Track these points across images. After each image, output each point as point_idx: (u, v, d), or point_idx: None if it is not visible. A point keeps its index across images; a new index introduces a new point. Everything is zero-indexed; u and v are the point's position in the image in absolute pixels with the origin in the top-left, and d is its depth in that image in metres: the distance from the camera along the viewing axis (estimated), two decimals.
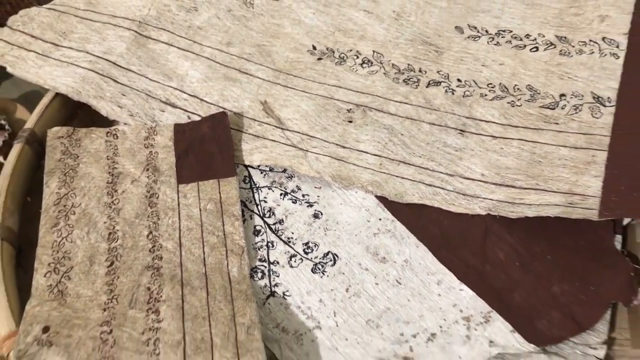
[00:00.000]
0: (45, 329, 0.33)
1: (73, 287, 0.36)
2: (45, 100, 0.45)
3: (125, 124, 0.45)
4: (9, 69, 0.47)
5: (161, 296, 0.36)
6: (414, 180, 0.42)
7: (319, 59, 0.50)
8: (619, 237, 0.40)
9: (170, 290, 0.36)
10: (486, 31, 0.50)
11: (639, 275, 0.38)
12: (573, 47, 0.48)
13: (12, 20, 0.50)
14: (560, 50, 0.48)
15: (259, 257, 0.40)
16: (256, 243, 0.41)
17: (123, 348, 0.33)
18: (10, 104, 1.25)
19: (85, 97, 0.45)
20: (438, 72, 0.48)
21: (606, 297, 0.37)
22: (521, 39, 0.49)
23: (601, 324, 0.37)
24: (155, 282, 0.37)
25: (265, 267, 0.39)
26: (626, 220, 0.41)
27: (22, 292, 0.37)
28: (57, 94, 0.46)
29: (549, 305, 0.37)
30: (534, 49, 0.48)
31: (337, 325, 0.37)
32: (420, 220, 0.41)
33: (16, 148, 0.42)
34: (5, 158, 1.08)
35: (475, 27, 0.51)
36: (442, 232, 0.40)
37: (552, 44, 0.48)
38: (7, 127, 1.13)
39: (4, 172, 0.41)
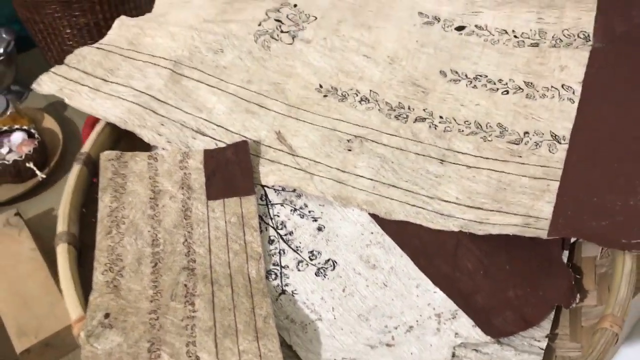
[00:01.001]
0: (106, 315, 0.43)
1: (125, 282, 0.45)
2: (98, 128, 0.55)
3: (164, 149, 0.55)
4: (66, 101, 0.57)
5: (195, 291, 0.45)
6: (400, 202, 0.51)
7: (325, 95, 0.59)
8: (566, 253, 0.49)
9: (202, 287, 0.45)
10: (465, 75, 0.60)
11: (578, 284, 0.48)
12: (537, 91, 0.57)
13: (68, 59, 0.59)
14: (527, 94, 0.57)
15: (272, 262, 0.49)
16: (270, 250, 0.50)
17: (167, 331, 0.42)
18: (38, 114, 1.36)
19: (131, 126, 0.55)
20: (424, 109, 0.58)
21: (551, 300, 0.46)
22: (495, 83, 0.59)
23: (546, 322, 0.46)
24: (190, 280, 0.46)
25: (278, 270, 0.49)
26: (573, 239, 0.50)
27: (83, 286, 0.46)
28: (107, 123, 0.55)
29: (504, 307, 0.46)
30: (505, 92, 0.58)
31: (334, 318, 0.46)
32: (404, 234, 0.50)
33: (75, 168, 0.52)
34: (35, 164, 1.19)
35: (457, 72, 0.60)
36: (422, 244, 0.49)
37: (520, 88, 0.58)
38: (36, 135, 1.24)
39: (67, 189, 0.51)
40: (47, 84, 0.57)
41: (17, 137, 1.23)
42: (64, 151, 1.27)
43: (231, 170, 0.53)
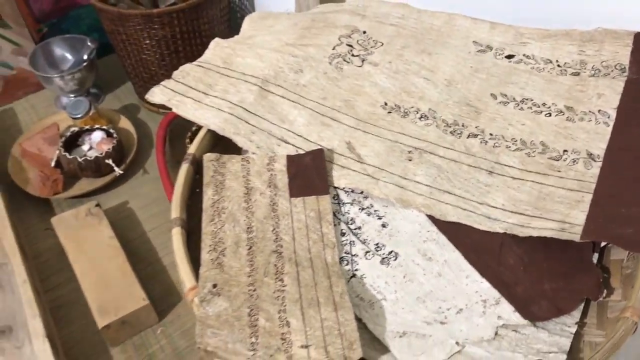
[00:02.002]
0: (214, 286, 0.53)
1: (227, 261, 0.56)
2: (201, 134, 0.65)
3: (253, 153, 0.65)
4: (174, 109, 0.68)
5: (284, 270, 0.55)
6: (454, 206, 0.60)
7: (389, 112, 0.69)
8: (596, 255, 0.58)
9: (289, 267, 0.55)
10: (514, 98, 0.68)
11: (606, 281, 0.56)
12: (577, 115, 0.65)
13: (175, 74, 0.70)
14: (567, 117, 0.65)
15: (344, 251, 0.59)
16: (342, 241, 0.60)
17: (263, 300, 0.52)
18: (115, 115, 1.50)
19: (228, 133, 0.65)
20: (476, 127, 0.67)
21: (581, 293, 0.54)
22: (539, 106, 0.67)
23: (576, 312, 0.54)
24: (279, 261, 0.56)
25: (349, 257, 0.58)
26: (603, 243, 0.58)
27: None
28: (208, 130, 0.66)
29: (541, 297, 0.54)
30: (548, 115, 0.66)
31: (397, 299, 0.55)
32: (456, 233, 0.59)
33: (184, 167, 0.62)
34: (113, 161, 1.32)
35: (506, 95, 0.69)
36: (472, 243, 0.58)
37: (561, 111, 0.66)
38: (115, 134, 1.38)
39: (178, 183, 0.61)
40: (158, 95, 0.68)
41: (97, 135, 1.37)
42: (138, 150, 1.40)
43: (309, 173, 0.63)
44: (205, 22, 1.33)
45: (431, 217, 0.60)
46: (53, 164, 1.31)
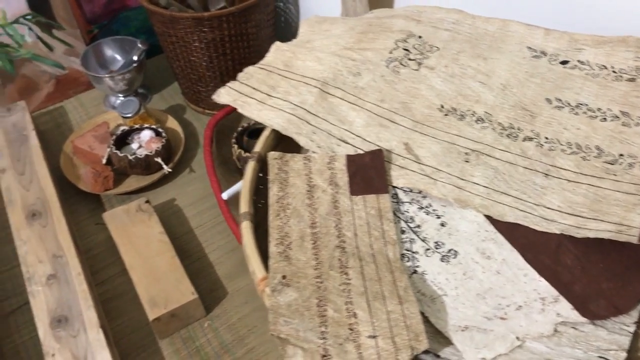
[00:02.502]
0: (284, 277, 0.56)
1: (293, 254, 0.58)
2: (266, 133, 0.68)
3: (314, 152, 0.68)
4: (239, 110, 0.71)
5: (348, 264, 0.58)
6: (511, 207, 0.62)
7: (445, 114, 0.71)
8: None
9: (353, 262, 0.58)
10: (568, 103, 0.70)
11: None
12: (632, 120, 0.66)
13: (239, 76, 0.73)
14: (623, 122, 0.67)
15: (405, 248, 0.61)
16: (402, 239, 0.62)
17: (330, 292, 0.55)
18: (162, 115, 1.55)
19: (290, 133, 0.68)
20: (531, 131, 0.68)
21: (639, 294, 0.55)
22: (594, 111, 0.68)
23: (634, 311, 0.55)
24: (343, 256, 0.58)
25: (410, 255, 0.61)
26: None
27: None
28: (272, 129, 0.69)
29: (599, 296, 0.55)
30: (603, 119, 0.67)
31: (457, 295, 0.57)
32: (514, 233, 0.61)
33: (251, 164, 0.65)
34: (163, 160, 1.37)
35: (561, 100, 0.70)
36: (529, 243, 0.60)
37: (617, 116, 0.67)
38: (163, 134, 1.42)
39: (246, 179, 0.64)
40: (224, 96, 0.72)
41: (146, 134, 1.42)
42: (185, 149, 1.44)
43: (368, 172, 0.65)
44: (252, 25, 1.37)
45: (489, 217, 0.62)
46: (104, 161, 1.36)
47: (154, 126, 1.40)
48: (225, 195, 1.24)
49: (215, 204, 1.35)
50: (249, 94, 0.71)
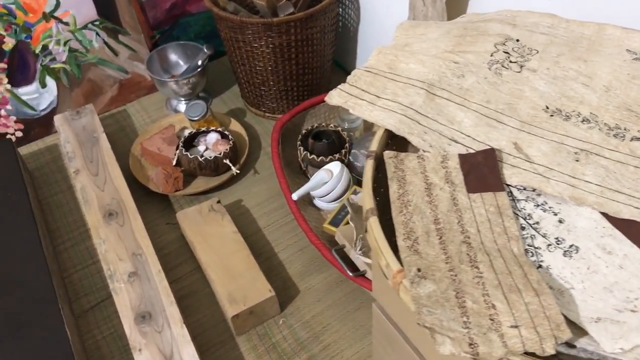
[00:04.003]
0: (419, 270, 0.58)
1: (422, 249, 0.61)
2: (379, 133, 0.71)
3: (426, 151, 0.70)
4: (351, 110, 0.73)
5: (477, 259, 0.60)
6: (625, 204, 0.64)
7: (551, 115, 0.73)
8: None
9: (481, 256, 0.60)
10: None
11: None
12: None
13: (349, 79, 0.76)
14: None
15: (527, 243, 0.63)
16: (523, 235, 0.64)
17: (465, 285, 0.57)
18: (225, 118, 1.58)
19: (402, 133, 0.70)
20: (638, 131, 0.70)
21: None
22: None
23: None
24: (470, 251, 0.60)
25: (533, 250, 0.62)
26: None
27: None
28: (384, 130, 0.71)
29: None
30: None
31: (584, 288, 0.59)
32: (630, 230, 0.63)
33: (370, 162, 0.68)
34: (230, 161, 1.41)
35: None
36: None
37: None
38: (230, 137, 1.45)
39: (366, 177, 0.66)
40: (335, 98, 0.74)
41: (212, 137, 1.45)
42: (249, 151, 1.47)
43: (482, 171, 0.67)
44: (317, 30, 1.40)
45: (605, 214, 0.63)
46: (174, 162, 1.39)
47: (219, 129, 1.44)
48: (295, 196, 1.27)
49: (281, 204, 1.39)
50: (358, 96, 0.74)
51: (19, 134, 1.49)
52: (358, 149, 1.37)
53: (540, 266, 0.61)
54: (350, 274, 1.07)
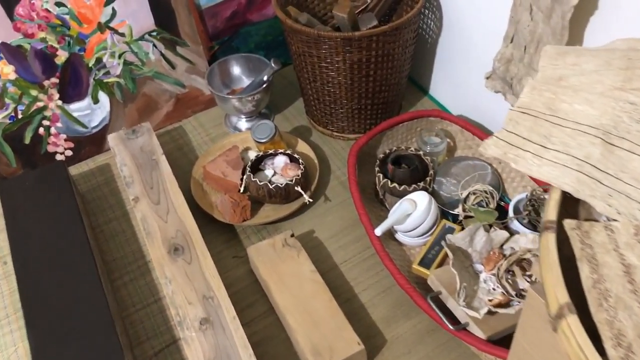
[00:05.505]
0: None
1: (637, 358, 0.47)
2: (555, 196, 0.57)
3: (614, 220, 0.56)
4: (512, 165, 0.60)
5: None
6: None
7: None
8: None
9: None
10: None
11: None
12: None
13: (505, 124, 0.63)
14: None
15: None
16: None
17: None
18: (292, 138, 1.44)
19: (583, 195, 0.57)
20: None
21: None
22: None
23: None
24: None
25: None
26: None
27: None
28: (560, 191, 0.58)
29: None
30: None
31: None
32: None
33: (551, 237, 0.54)
34: (302, 188, 1.26)
35: None
36: None
37: None
38: (301, 161, 1.31)
39: (551, 259, 0.53)
40: (492, 148, 0.61)
41: (280, 160, 1.32)
42: (320, 175, 1.34)
43: None
44: (399, 45, 1.26)
45: None
46: (241, 189, 1.26)
47: (288, 151, 1.30)
48: (379, 232, 1.13)
49: (357, 236, 1.25)
50: (520, 146, 0.61)
51: (69, 152, 1.38)
52: (443, 177, 1.24)
53: None
54: (452, 328, 0.94)
